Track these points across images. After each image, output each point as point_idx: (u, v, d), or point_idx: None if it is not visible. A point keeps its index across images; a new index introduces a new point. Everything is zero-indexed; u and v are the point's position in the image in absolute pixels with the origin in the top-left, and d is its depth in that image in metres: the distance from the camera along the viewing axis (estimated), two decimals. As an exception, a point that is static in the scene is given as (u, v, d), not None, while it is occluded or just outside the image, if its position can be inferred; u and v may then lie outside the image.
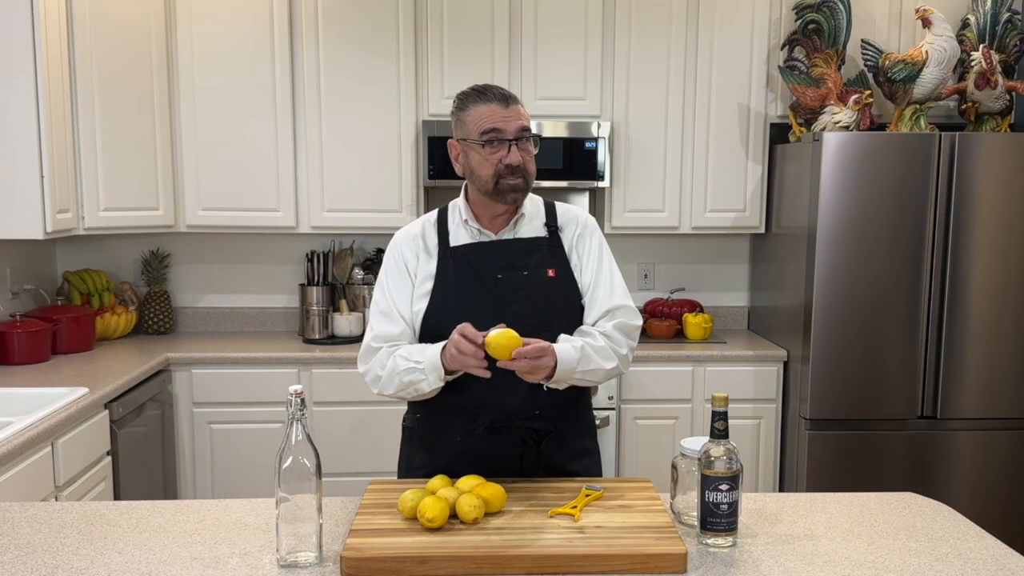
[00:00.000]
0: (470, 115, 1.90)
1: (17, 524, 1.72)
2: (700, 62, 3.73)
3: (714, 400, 1.62)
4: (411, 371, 1.85)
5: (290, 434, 1.51)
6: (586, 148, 3.65)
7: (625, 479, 1.93)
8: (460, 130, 1.93)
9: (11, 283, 3.49)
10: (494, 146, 1.87)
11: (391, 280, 1.99)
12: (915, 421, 3.42)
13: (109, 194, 3.42)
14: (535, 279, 1.94)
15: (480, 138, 1.88)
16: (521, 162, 1.88)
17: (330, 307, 3.82)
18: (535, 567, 1.50)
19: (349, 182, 3.70)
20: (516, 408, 1.92)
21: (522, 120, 1.90)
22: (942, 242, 3.34)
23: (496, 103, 1.88)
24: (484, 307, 1.90)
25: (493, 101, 1.88)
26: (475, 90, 1.92)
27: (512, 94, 1.92)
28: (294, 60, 3.64)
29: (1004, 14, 3.56)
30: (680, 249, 4.15)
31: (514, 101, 1.90)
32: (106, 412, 2.91)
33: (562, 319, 1.96)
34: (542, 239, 1.99)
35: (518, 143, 1.88)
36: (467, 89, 1.95)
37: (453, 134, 1.97)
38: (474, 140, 1.89)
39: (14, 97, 3.02)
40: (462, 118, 1.92)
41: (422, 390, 1.87)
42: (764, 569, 1.53)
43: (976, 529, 1.73)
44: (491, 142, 1.87)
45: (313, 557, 1.53)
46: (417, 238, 2.00)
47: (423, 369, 1.84)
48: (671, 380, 3.60)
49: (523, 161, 1.89)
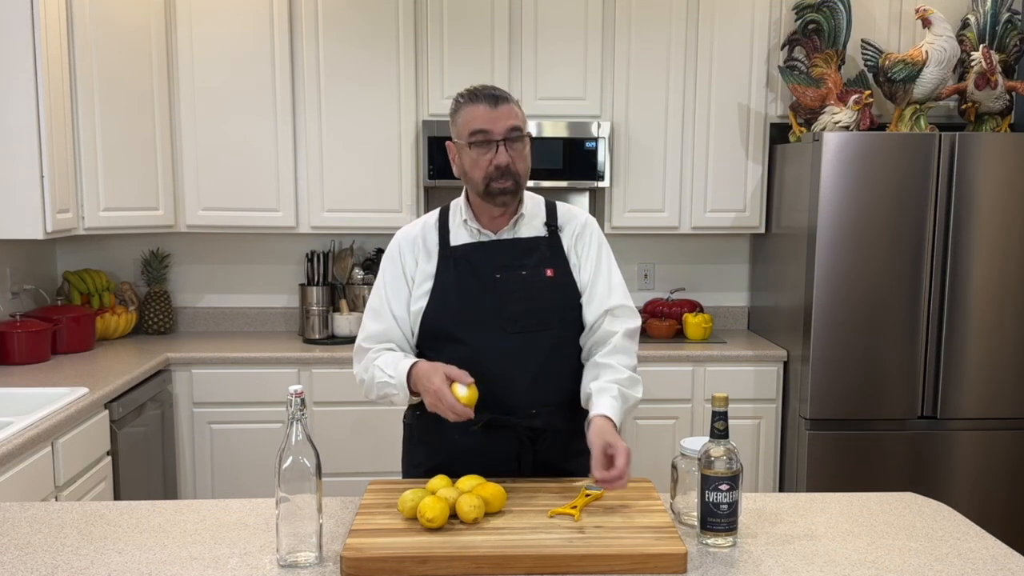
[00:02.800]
0: (461, 117, 1.91)
1: (17, 524, 1.72)
2: (700, 62, 3.73)
3: (714, 400, 1.62)
4: (385, 384, 1.90)
5: (290, 434, 1.51)
6: (586, 148, 3.65)
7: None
8: (454, 131, 1.95)
9: (11, 283, 3.49)
10: (482, 147, 1.87)
11: (387, 281, 2.01)
12: (915, 421, 3.42)
13: (109, 194, 3.42)
14: (533, 279, 1.95)
15: (468, 139, 1.88)
16: (509, 162, 1.87)
17: (330, 307, 3.82)
18: (535, 567, 1.50)
19: (349, 182, 3.70)
20: (514, 406, 1.92)
21: (512, 120, 1.88)
22: (942, 242, 3.34)
23: (485, 104, 1.87)
24: (482, 306, 1.90)
25: (482, 102, 1.87)
26: (468, 91, 1.92)
27: (505, 94, 1.90)
28: (294, 60, 3.64)
29: (1004, 14, 3.56)
30: (680, 249, 4.15)
31: (505, 101, 1.88)
32: (106, 412, 2.91)
33: (560, 319, 1.96)
34: (541, 239, 1.99)
35: (507, 143, 1.87)
36: (462, 91, 1.95)
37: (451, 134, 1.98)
38: (464, 142, 1.90)
39: (14, 97, 3.02)
40: (455, 120, 1.93)
41: (396, 402, 1.92)
42: (764, 569, 1.53)
43: (976, 529, 1.73)
44: (479, 143, 1.87)
45: (313, 557, 1.53)
46: (417, 238, 2.01)
47: (394, 384, 1.88)
48: (671, 380, 3.60)
49: (511, 161, 1.88)
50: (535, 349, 1.93)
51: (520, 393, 1.92)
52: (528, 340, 1.92)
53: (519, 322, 1.92)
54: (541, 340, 1.93)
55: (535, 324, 1.93)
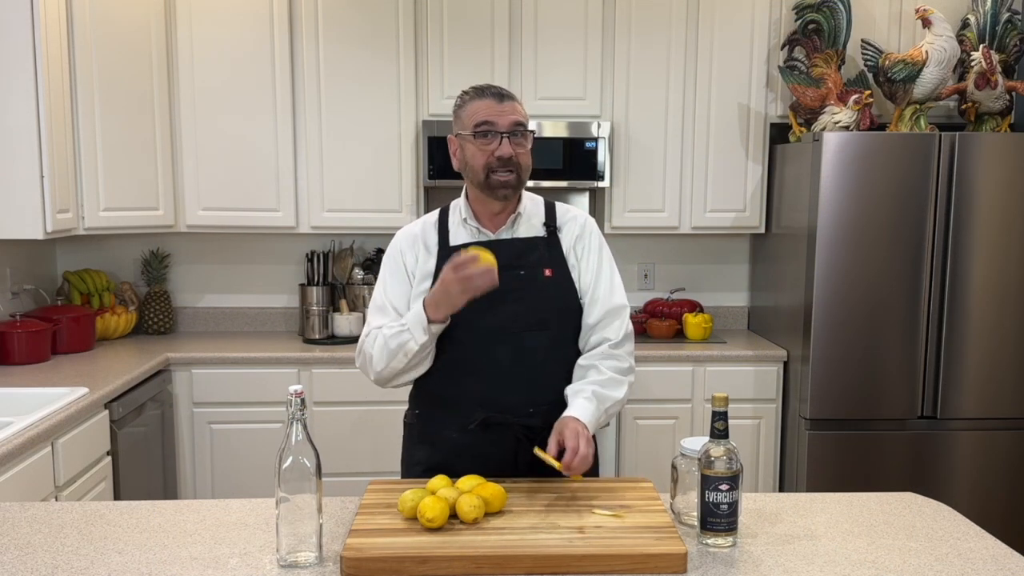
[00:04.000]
0: (466, 110, 1.94)
1: (17, 524, 1.72)
2: (700, 62, 3.73)
3: (714, 400, 1.62)
4: (397, 335, 1.88)
5: (290, 434, 1.51)
6: (586, 148, 3.65)
7: (625, 479, 1.93)
8: (457, 125, 1.97)
9: (11, 283, 3.49)
10: (487, 138, 1.90)
11: (389, 277, 2.02)
12: (915, 421, 3.42)
13: (109, 194, 3.42)
14: (532, 279, 1.95)
15: (473, 130, 1.91)
16: (513, 154, 1.90)
17: (330, 307, 3.82)
18: (535, 567, 1.50)
19: (349, 182, 3.70)
20: (512, 405, 1.93)
21: (516, 116, 1.93)
22: (942, 242, 3.34)
23: (491, 99, 1.92)
24: (480, 306, 1.90)
25: (488, 97, 1.93)
26: (473, 88, 1.98)
27: (510, 93, 1.97)
28: (294, 60, 3.64)
29: (1004, 14, 3.56)
30: (680, 249, 4.15)
31: (510, 99, 1.94)
32: (106, 412, 2.91)
33: (558, 319, 1.97)
34: (540, 239, 2.00)
35: (511, 137, 1.90)
36: (467, 88, 1.99)
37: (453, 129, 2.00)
38: (468, 133, 1.92)
39: (14, 97, 3.02)
40: (459, 114, 1.96)
41: (411, 349, 1.87)
42: (764, 569, 1.53)
43: (976, 529, 1.73)
44: (484, 134, 1.90)
45: (313, 557, 1.53)
46: (417, 237, 2.02)
47: (407, 328, 1.87)
48: (671, 380, 3.60)
49: (515, 154, 1.91)
50: (533, 349, 1.94)
51: (518, 393, 1.93)
52: (527, 340, 1.93)
53: (518, 322, 1.92)
54: (539, 340, 1.94)
55: (534, 324, 1.93)
